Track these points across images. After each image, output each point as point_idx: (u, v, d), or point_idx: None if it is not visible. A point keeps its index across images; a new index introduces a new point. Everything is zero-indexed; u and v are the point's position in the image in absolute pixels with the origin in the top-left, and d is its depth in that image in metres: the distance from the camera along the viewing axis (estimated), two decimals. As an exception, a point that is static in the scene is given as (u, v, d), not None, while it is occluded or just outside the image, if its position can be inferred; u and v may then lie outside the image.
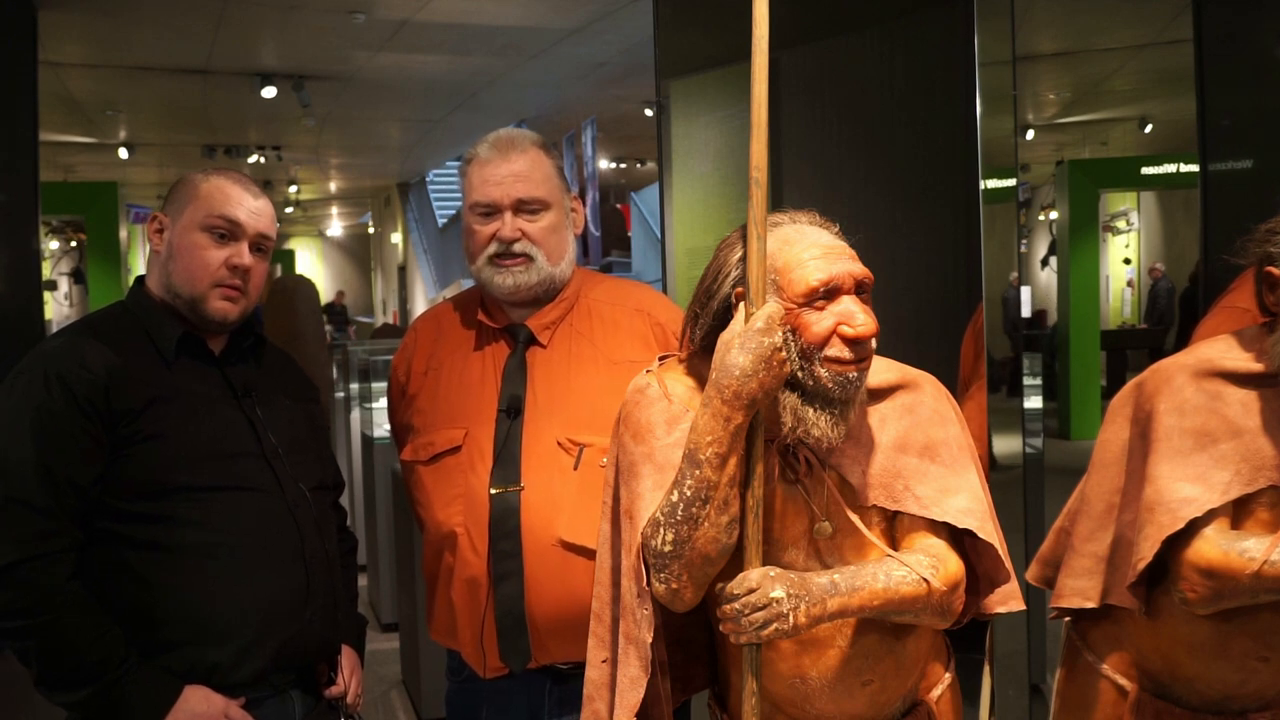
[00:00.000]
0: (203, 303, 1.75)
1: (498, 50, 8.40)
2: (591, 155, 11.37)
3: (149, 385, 1.69)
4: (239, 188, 1.79)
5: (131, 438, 1.65)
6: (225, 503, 1.69)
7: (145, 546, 1.65)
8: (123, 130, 11.39)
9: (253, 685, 1.70)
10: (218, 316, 1.76)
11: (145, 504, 1.65)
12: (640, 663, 1.45)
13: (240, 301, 1.77)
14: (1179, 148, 10.63)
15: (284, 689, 1.76)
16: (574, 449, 1.86)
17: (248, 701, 1.69)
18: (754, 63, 1.41)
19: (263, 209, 1.80)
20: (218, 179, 1.80)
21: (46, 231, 11.56)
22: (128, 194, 13.36)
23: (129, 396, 1.66)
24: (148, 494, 1.65)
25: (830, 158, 2.67)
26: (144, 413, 1.66)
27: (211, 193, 1.77)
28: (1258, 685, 1.61)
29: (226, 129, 11.57)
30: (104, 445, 1.64)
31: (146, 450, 1.66)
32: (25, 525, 1.58)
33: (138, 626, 1.64)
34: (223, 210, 1.76)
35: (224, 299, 1.76)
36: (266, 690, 1.73)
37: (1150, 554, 1.53)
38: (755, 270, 1.40)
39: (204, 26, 7.50)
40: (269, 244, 1.82)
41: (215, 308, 1.75)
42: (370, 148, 14.16)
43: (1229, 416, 1.56)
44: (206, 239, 1.75)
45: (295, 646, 1.74)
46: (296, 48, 8.31)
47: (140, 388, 1.68)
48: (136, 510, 1.65)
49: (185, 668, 1.64)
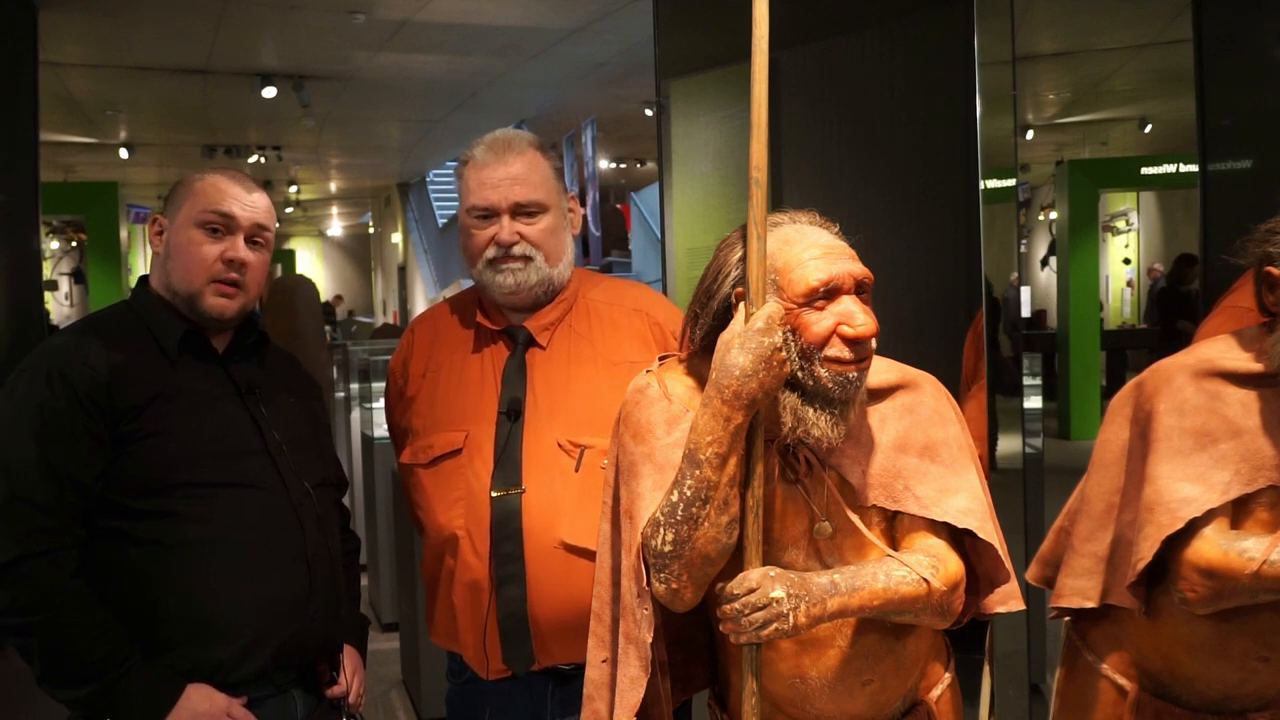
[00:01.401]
0: (199, 299, 1.75)
1: (498, 50, 8.39)
2: (591, 155, 11.37)
3: (152, 383, 1.69)
4: (232, 183, 1.79)
5: (134, 435, 1.65)
6: (228, 500, 1.69)
7: (147, 543, 1.65)
8: (123, 130, 11.39)
9: (254, 684, 1.70)
10: (214, 313, 1.76)
11: (147, 501, 1.65)
12: (640, 663, 1.45)
13: (238, 297, 1.77)
14: (1179, 148, 10.63)
15: (285, 688, 1.76)
16: (575, 451, 1.86)
17: (249, 700, 1.69)
18: (754, 63, 1.41)
19: (257, 201, 1.80)
20: (212, 176, 1.80)
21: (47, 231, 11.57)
22: (128, 194, 13.37)
23: (131, 394, 1.66)
24: (150, 491, 1.65)
25: (830, 158, 2.67)
26: (146, 410, 1.66)
27: (205, 189, 1.78)
28: (1258, 685, 1.61)
29: (226, 129, 11.57)
30: (106, 443, 1.64)
31: (149, 447, 1.66)
32: (27, 523, 1.58)
33: (140, 624, 1.64)
34: (216, 205, 1.76)
35: (220, 295, 1.75)
36: (268, 689, 1.73)
37: (1150, 554, 1.53)
38: (755, 270, 1.40)
39: (204, 26, 7.49)
40: (266, 236, 1.82)
41: (211, 304, 1.75)
42: (370, 148, 14.16)
43: (1229, 416, 1.56)
44: (201, 235, 1.76)
45: (297, 644, 1.74)
46: (296, 48, 8.31)
47: (143, 385, 1.68)
48: (138, 507, 1.65)
49: (187, 666, 1.64)
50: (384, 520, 5.06)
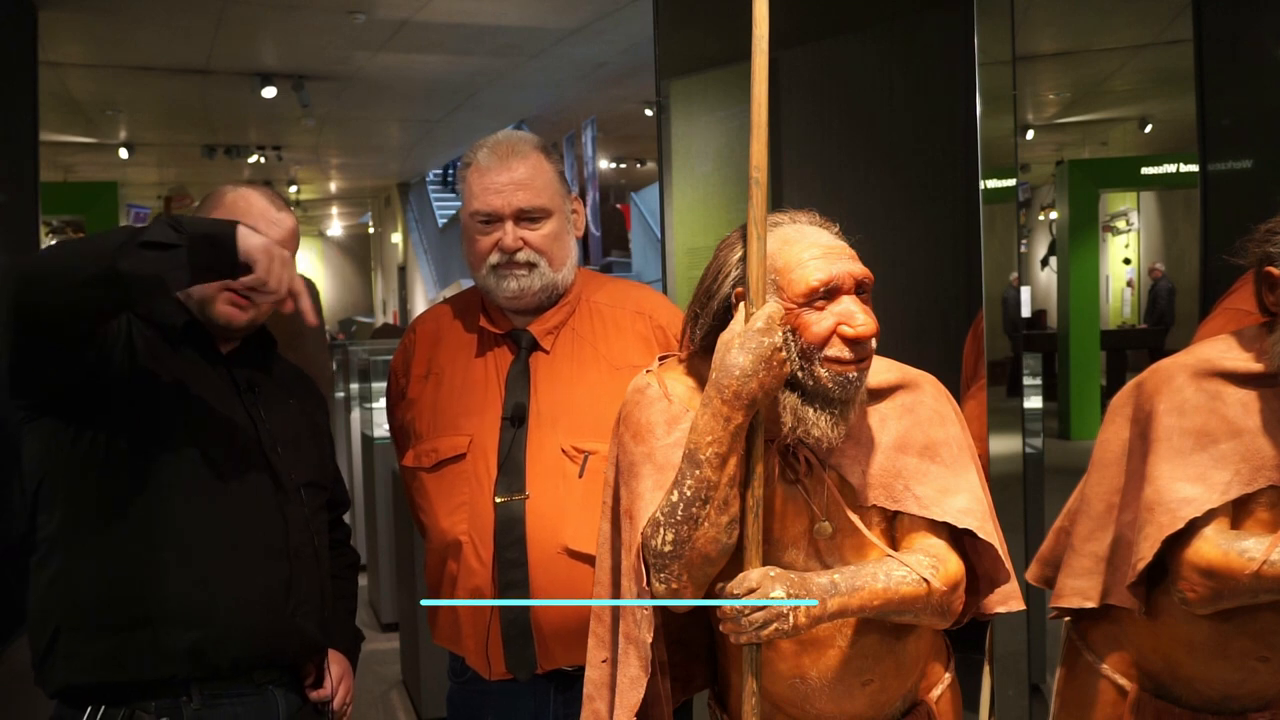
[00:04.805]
0: (210, 305, 1.77)
1: (498, 50, 8.40)
2: (591, 155, 11.37)
3: (150, 358, 1.71)
4: (262, 198, 1.82)
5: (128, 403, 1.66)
6: (213, 489, 1.70)
7: (128, 527, 1.65)
8: (123, 130, 11.39)
9: (232, 678, 1.70)
10: (222, 321, 1.78)
11: (133, 483, 1.66)
12: (640, 663, 1.45)
13: (249, 310, 1.78)
14: (1179, 148, 10.64)
15: (265, 685, 1.75)
16: (579, 456, 1.85)
17: (229, 696, 1.69)
18: (754, 63, 1.41)
19: (282, 220, 1.82)
20: (245, 190, 1.83)
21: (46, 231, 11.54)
22: (128, 194, 13.38)
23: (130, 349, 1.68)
24: (136, 476, 1.66)
25: (830, 158, 2.67)
26: (144, 375, 1.68)
27: (236, 202, 1.80)
28: (1257, 685, 1.61)
29: (226, 129, 11.57)
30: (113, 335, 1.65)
31: (140, 430, 1.67)
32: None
33: (119, 602, 1.64)
34: (241, 220, 1.77)
35: (231, 304, 1.77)
36: (246, 686, 1.72)
37: (1150, 554, 1.53)
38: (755, 270, 1.40)
39: (204, 26, 7.50)
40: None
41: (221, 311, 1.77)
42: (370, 148, 14.15)
43: (1229, 416, 1.56)
44: None
45: (275, 640, 1.74)
46: (296, 48, 8.31)
47: (141, 353, 1.70)
48: (124, 489, 1.66)
49: (163, 646, 1.64)
50: (384, 520, 5.06)
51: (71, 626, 1.65)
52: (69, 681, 1.65)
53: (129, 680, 1.65)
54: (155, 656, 1.64)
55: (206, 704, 1.68)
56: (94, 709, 1.64)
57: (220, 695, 1.69)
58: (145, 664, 1.64)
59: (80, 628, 1.65)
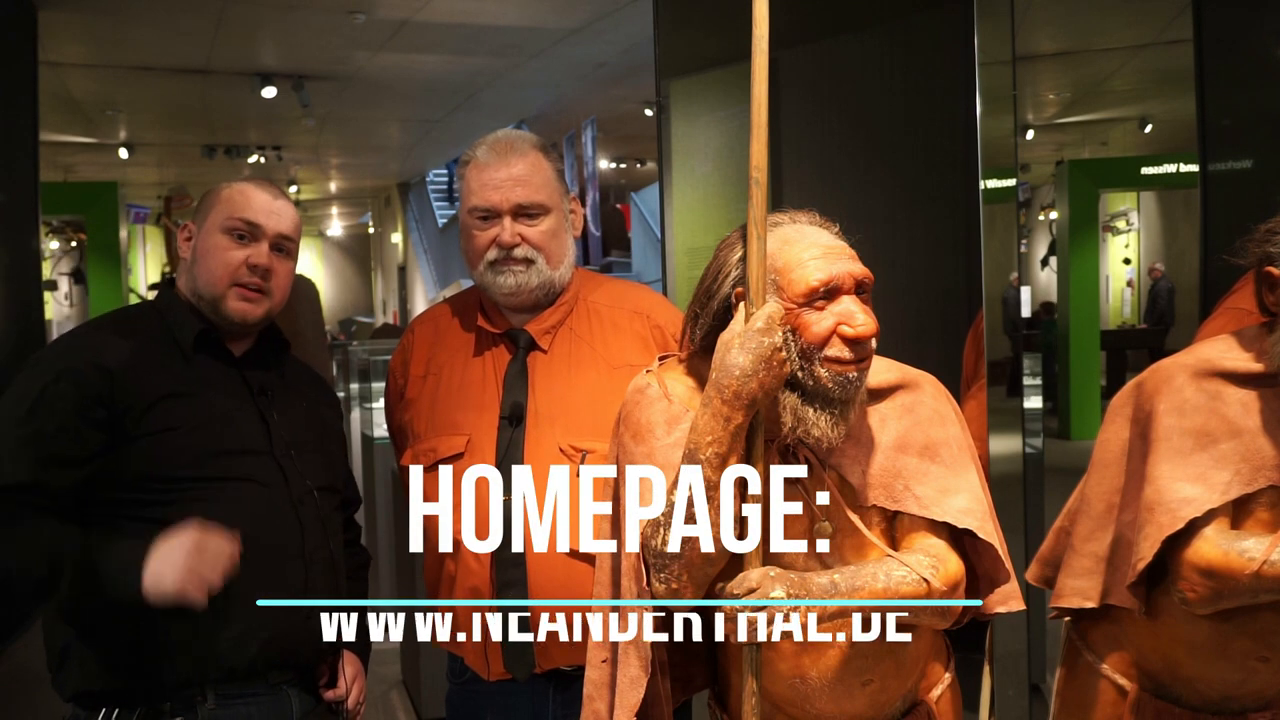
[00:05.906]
0: (222, 302, 1.78)
1: (498, 50, 8.39)
2: (591, 155, 11.37)
3: (164, 379, 1.72)
4: (260, 190, 1.84)
5: (142, 431, 1.67)
6: (229, 495, 1.70)
7: (144, 534, 1.65)
8: (123, 130, 11.39)
9: (248, 679, 1.70)
10: (236, 316, 1.79)
11: (149, 494, 1.66)
12: (640, 663, 1.45)
13: (262, 303, 1.80)
14: (1179, 148, 10.63)
15: (280, 685, 1.76)
16: (576, 455, 1.85)
17: (244, 697, 1.69)
18: (754, 63, 1.41)
19: (282, 209, 1.84)
20: (241, 184, 1.85)
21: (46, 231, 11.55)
22: (128, 194, 13.36)
23: (141, 389, 1.68)
24: (153, 484, 1.66)
25: (830, 158, 2.67)
26: (156, 406, 1.68)
27: (233, 196, 1.82)
28: (1258, 685, 1.61)
29: (226, 129, 11.56)
30: (105, 431, 1.65)
31: (155, 442, 1.67)
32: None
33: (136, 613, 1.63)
34: (241, 213, 1.80)
35: (242, 299, 1.78)
36: (261, 686, 1.73)
37: (1150, 554, 1.53)
38: (755, 270, 1.40)
39: (204, 26, 7.49)
40: (291, 245, 1.86)
41: (234, 307, 1.78)
42: (370, 148, 14.15)
43: (1229, 416, 1.56)
44: (227, 240, 1.80)
45: (291, 642, 1.74)
46: (296, 48, 8.31)
47: (155, 381, 1.70)
48: (141, 499, 1.66)
49: (181, 649, 1.64)
50: (384, 520, 5.06)
51: (87, 631, 1.65)
52: (85, 685, 1.66)
53: (145, 683, 1.65)
54: (171, 660, 1.65)
55: (221, 704, 1.68)
56: (109, 710, 1.65)
57: (235, 696, 1.70)
58: (162, 667, 1.65)
59: (96, 632, 1.65)
